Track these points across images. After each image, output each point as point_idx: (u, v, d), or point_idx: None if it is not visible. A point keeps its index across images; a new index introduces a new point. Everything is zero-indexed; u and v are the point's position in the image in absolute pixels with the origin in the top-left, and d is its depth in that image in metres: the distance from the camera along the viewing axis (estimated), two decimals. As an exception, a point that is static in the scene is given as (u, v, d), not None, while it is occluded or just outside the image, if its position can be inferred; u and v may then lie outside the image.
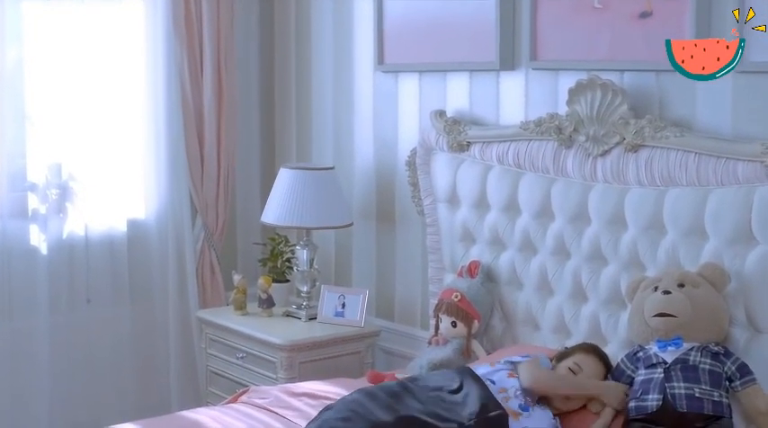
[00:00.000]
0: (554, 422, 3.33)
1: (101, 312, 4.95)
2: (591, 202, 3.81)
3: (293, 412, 3.62)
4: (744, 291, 3.34)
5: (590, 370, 3.44)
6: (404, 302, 4.86)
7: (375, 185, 4.94)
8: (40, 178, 4.71)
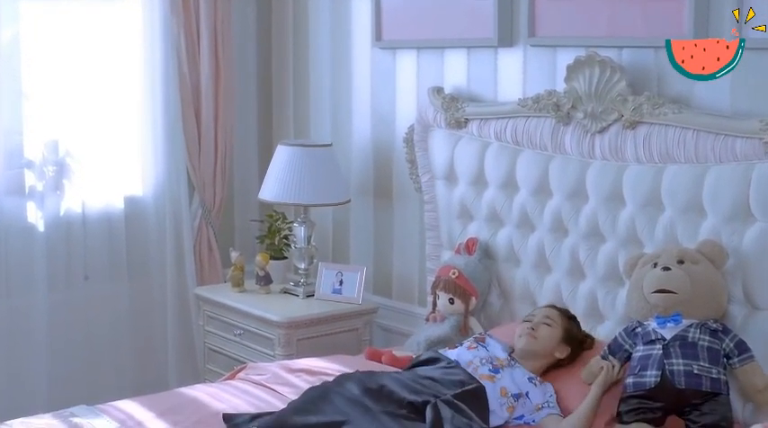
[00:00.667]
0: (531, 376, 3.44)
1: (98, 289, 4.95)
2: (589, 179, 3.81)
3: (291, 388, 3.62)
4: (742, 268, 3.35)
5: (544, 312, 3.59)
6: (401, 279, 4.86)
7: (373, 162, 4.93)
8: (36, 155, 4.70)
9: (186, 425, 3.30)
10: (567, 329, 3.55)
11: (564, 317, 3.58)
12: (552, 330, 3.53)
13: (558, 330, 3.53)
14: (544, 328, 3.53)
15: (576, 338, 3.56)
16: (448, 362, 3.53)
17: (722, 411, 3.14)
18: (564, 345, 3.54)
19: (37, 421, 3.35)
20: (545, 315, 3.57)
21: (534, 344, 3.52)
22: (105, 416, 3.38)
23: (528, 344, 3.52)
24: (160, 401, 3.57)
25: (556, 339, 3.53)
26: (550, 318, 3.56)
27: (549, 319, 3.55)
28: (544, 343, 3.52)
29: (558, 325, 3.54)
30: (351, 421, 3.10)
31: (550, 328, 3.53)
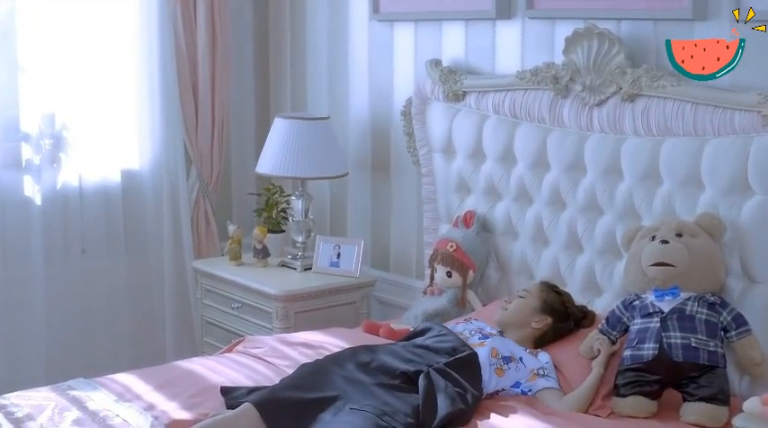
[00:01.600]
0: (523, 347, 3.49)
1: (96, 262, 4.95)
2: (587, 152, 3.80)
3: (288, 362, 3.63)
4: (739, 241, 3.35)
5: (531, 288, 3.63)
6: (399, 252, 4.86)
7: (370, 135, 4.92)
8: (33, 128, 4.68)
9: (184, 398, 3.30)
10: (545, 300, 3.58)
11: (544, 290, 3.61)
12: (524, 301, 3.58)
13: (531, 301, 3.57)
14: (516, 301, 3.60)
15: (557, 309, 3.57)
16: (439, 331, 3.55)
17: (719, 384, 3.15)
18: (542, 316, 3.55)
19: (35, 394, 3.35)
20: (523, 288, 3.64)
21: (504, 315, 3.58)
22: (103, 389, 3.39)
23: (499, 315, 3.61)
24: (158, 374, 3.58)
25: (528, 309, 3.56)
26: (526, 290, 3.62)
27: (524, 291, 3.62)
28: (514, 312, 3.57)
29: (533, 296, 3.58)
30: (344, 395, 3.11)
31: (522, 300, 3.59)
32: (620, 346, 3.41)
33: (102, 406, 3.24)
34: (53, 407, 3.21)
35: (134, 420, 3.13)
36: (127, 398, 3.32)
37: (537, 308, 3.56)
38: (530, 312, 3.56)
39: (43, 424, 3.08)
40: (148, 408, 3.23)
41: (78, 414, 3.18)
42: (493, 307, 3.87)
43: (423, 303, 4.18)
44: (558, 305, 3.59)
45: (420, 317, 4.04)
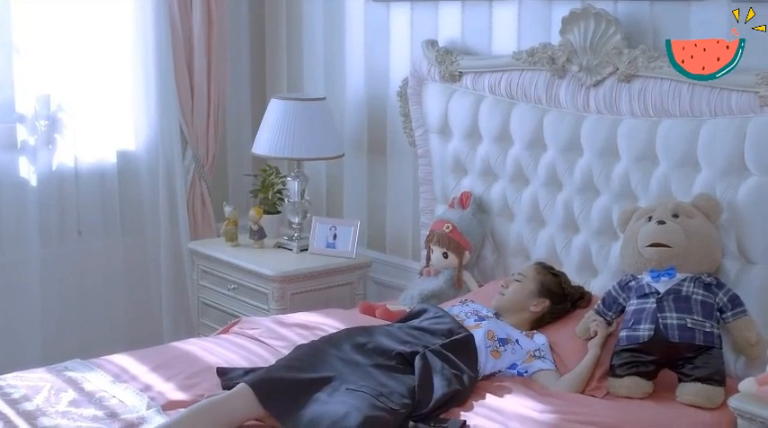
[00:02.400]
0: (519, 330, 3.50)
1: (92, 244, 4.94)
2: (583, 133, 3.79)
3: (284, 343, 3.63)
4: (736, 222, 3.34)
5: (522, 269, 3.66)
6: (395, 233, 4.86)
7: (366, 116, 4.91)
8: (28, 109, 4.66)
9: (180, 379, 3.31)
10: (543, 282, 3.58)
11: (540, 272, 3.62)
12: (521, 285, 3.58)
13: (529, 284, 3.57)
14: (513, 284, 3.61)
15: (554, 291, 3.58)
16: (436, 312, 3.56)
17: (715, 364, 3.16)
18: (540, 299, 3.56)
19: (31, 375, 3.35)
20: (519, 271, 3.64)
21: (501, 300, 3.58)
22: (99, 370, 3.39)
23: (497, 301, 3.61)
24: (154, 355, 3.58)
25: (526, 293, 3.56)
26: (522, 274, 3.62)
27: (520, 275, 3.62)
28: (512, 297, 3.58)
29: (529, 279, 3.58)
30: (340, 376, 3.11)
31: (519, 284, 3.59)
32: (615, 327, 3.41)
33: (98, 387, 3.24)
34: (49, 388, 3.22)
35: (130, 401, 3.14)
36: (123, 379, 3.32)
37: (534, 291, 3.56)
38: (527, 296, 3.56)
39: (39, 405, 3.08)
40: (145, 389, 3.23)
41: (75, 395, 3.18)
42: (489, 288, 3.88)
43: (419, 284, 4.18)
44: (556, 287, 3.59)
45: (416, 298, 4.04)
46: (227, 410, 2.94)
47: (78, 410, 3.06)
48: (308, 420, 2.88)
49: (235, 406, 2.95)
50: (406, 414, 2.98)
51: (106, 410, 3.07)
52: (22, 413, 3.02)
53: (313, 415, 2.89)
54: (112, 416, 3.02)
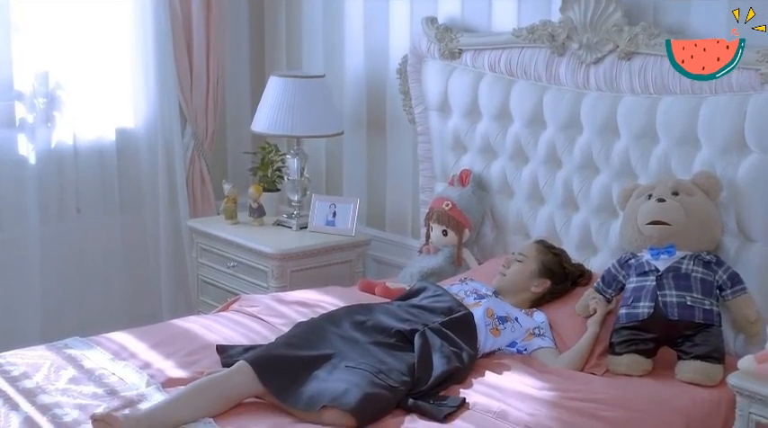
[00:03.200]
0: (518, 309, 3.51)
1: (91, 221, 4.93)
2: (583, 110, 3.78)
3: (284, 320, 3.64)
4: (735, 200, 3.34)
5: (522, 248, 3.64)
6: (395, 211, 4.85)
7: (366, 93, 4.90)
8: (26, 87, 4.64)
9: (179, 357, 3.31)
10: (544, 262, 3.58)
11: (541, 252, 3.61)
12: (523, 266, 3.57)
13: (530, 265, 3.56)
14: (514, 265, 3.60)
15: (556, 271, 3.57)
16: (435, 291, 3.56)
17: (714, 342, 3.17)
18: (541, 279, 3.56)
19: (31, 353, 3.36)
20: (520, 251, 3.62)
21: (503, 281, 3.58)
22: (99, 348, 3.40)
23: (498, 282, 3.60)
24: (153, 333, 3.58)
25: (527, 274, 3.56)
26: (523, 254, 3.60)
27: (521, 255, 3.60)
28: (513, 278, 3.57)
29: (531, 259, 3.57)
30: (339, 353, 3.11)
31: (521, 264, 3.58)
32: (615, 305, 3.42)
33: (97, 365, 3.25)
34: (49, 366, 3.22)
35: (130, 378, 3.14)
36: (123, 357, 3.32)
37: (535, 272, 3.56)
38: (528, 276, 3.56)
39: (39, 383, 3.09)
40: (144, 367, 3.24)
41: (74, 372, 3.19)
42: (489, 266, 3.87)
43: (418, 262, 4.18)
44: (557, 266, 3.59)
45: (416, 276, 4.04)
46: (226, 387, 2.94)
47: (78, 387, 3.07)
48: (308, 397, 2.88)
49: (234, 384, 2.95)
50: (405, 392, 2.99)
51: (106, 387, 3.08)
52: (21, 390, 3.03)
53: (312, 393, 2.89)
54: (112, 394, 3.03)
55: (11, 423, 2.83)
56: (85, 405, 2.93)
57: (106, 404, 2.93)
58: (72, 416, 2.86)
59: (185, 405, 2.86)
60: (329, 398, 2.84)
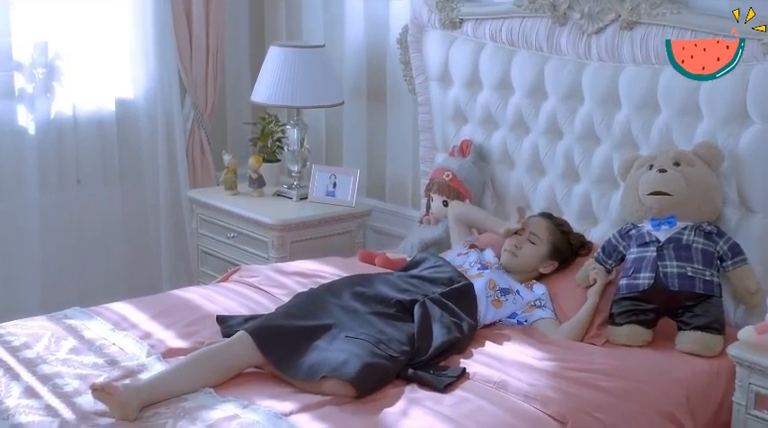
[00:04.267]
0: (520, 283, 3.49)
1: (91, 192, 4.93)
2: (584, 81, 3.77)
3: (284, 290, 3.64)
4: (737, 171, 3.34)
5: (533, 227, 3.59)
6: (395, 182, 4.85)
7: (366, 63, 4.88)
8: (25, 57, 4.62)
9: (180, 327, 3.32)
10: (555, 244, 3.56)
11: (553, 233, 3.58)
12: (536, 248, 3.55)
13: (542, 247, 3.55)
14: (527, 246, 3.56)
15: (564, 252, 3.57)
16: (435, 261, 3.56)
17: (714, 313, 3.17)
18: (550, 261, 3.55)
19: (31, 323, 3.36)
20: (532, 231, 3.57)
21: (514, 261, 3.55)
22: (99, 318, 3.40)
23: (508, 261, 3.57)
24: (153, 303, 3.59)
25: (539, 256, 3.55)
26: (537, 235, 3.56)
27: (534, 236, 3.56)
28: (525, 260, 3.55)
29: (543, 242, 3.55)
30: (339, 324, 3.12)
31: (534, 246, 3.55)
32: (615, 275, 3.42)
33: (98, 335, 3.25)
34: (49, 336, 3.23)
35: (130, 348, 3.15)
36: (123, 327, 3.33)
37: (546, 254, 3.55)
38: (540, 259, 3.55)
39: (40, 353, 3.09)
40: (144, 337, 3.24)
41: (74, 342, 3.19)
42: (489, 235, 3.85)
43: (419, 232, 4.18)
44: (566, 247, 3.57)
45: (416, 246, 4.04)
46: (226, 357, 2.95)
47: (78, 357, 3.07)
48: (308, 367, 2.89)
49: (234, 354, 2.96)
50: (405, 362, 2.99)
51: (106, 357, 3.08)
52: (22, 360, 3.03)
53: (312, 363, 2.90)
54: (113, 364, 3.03)
55: (11, 392, 2.84)
56: (86, 376, 2.93)
57: (107, 374, 2.94)
58: (73, 386, 2.87)
59: (185, 376, 2.87)
60: (329, 369, 2.85)
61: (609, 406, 2.83)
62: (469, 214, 3.91)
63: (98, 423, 2.66)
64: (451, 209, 3.93)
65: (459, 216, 3.89)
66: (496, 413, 2.75)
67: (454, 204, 3.97)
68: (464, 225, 3.89)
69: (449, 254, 3.77)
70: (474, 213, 3.92)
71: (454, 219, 3.89)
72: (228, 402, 2.77)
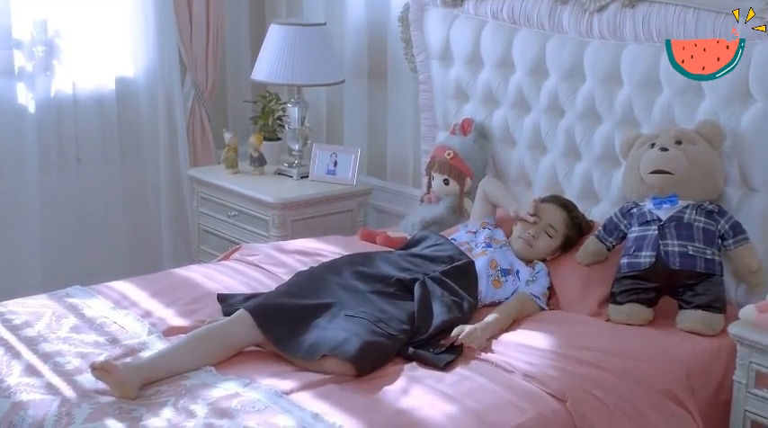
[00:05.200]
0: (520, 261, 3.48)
1: (91, 171, 4.92)
2: (586, 59, 3.76)
3: (285, 269, 3.64)
4: (738, 149, 3.33)
5: (550, 217, 3.53)
6: (396, 160, 4.84)
7: (367, 42, 4.86)
8: (25, 35, 4.60)
9: (180, 305, 3.32)
10: (568, 237, 3.54)
11: (569, 226, 3.54)
12: (552, 241, 3.52)
13: (558, 240, 3.53)
14: (544, 239, 3.51)
15: (573, 242, 3.55)
16: (437, 240, 3.55)
17: (716, 292, 3.17)
18: (559, 251, 3.54)
19: (32, 301, 3.36)
20: (550, 223, 3.51)
21: (529, 252, 3.51)
22: (100, 297, 3.40)
23: (522, 251, 3.52)
24: (154, 281, 3.59)
25: (552, 249, 3.53)
26: (554, 228, 3.51)
27: (552, 229, 3.51)
28: (539, 252, 3.53)
29: (559, 236, 3.52)
30: (339, 302, 3.11)
31: (551, 240, 3.52)
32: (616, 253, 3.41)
33: (99, 314, 3.25)
34: (50, 315, 3.23)
35: (131, 327, 3.15)
36: (124, 306, 3.33)
37: (559, 246, 3.54)
38: (553, 251, 3.54)
39: (41, 331, 3.09)
40: (145, 315, 3.25)
41: (75, 321, 3.19)
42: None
43: (420, 211, 4.17)
44: (575, 236, 3.56)
45: (417, 225, 4.03)
46: (227, 336, 2.95)
47: (79, 336, 3.08)
48: (308, 346, 2.89)
49: (235, 332, 2.96)
50: (404, 340, 3.00)
51: (107, 336, 3.08)
52: (23, 339, 3.04)
53: (312, 341, 2.90)
54: (114, 342, 3.04)
55: (13, 371, 2.84)
56: (87, 354, 2.94)
57: (107, 352, 2.94)
58: (74, 364, 2.87)
59: (186, 354, 2.87)
60: (329, 347, 2.85)
61: (609, 384, 2.84)
62: (497, 191, 3.79)
63: (99, 401, 2.66)
64: (483, 183, 3.86)
65: (488, 193, 3.79)
66: (497, 390, 2.76)
67: (487, 179, 3.91)
68: (490, 203, 3.77)
69: (459, 229, 3.74)
70: (500, 190, 3.81)
71: (482, 195, 3.80)
72: (229, 380, 2.78)
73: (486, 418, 2.62)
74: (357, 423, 2.54)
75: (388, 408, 2.66)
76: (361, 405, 2.66)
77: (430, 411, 2.63)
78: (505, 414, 2.65)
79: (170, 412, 2.61)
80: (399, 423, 2.58)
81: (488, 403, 2.69)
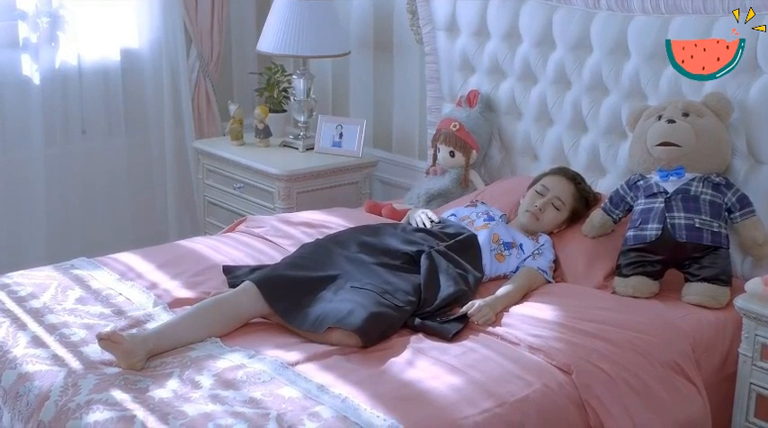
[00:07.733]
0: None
1: (96, 143, 4.92)
2: (593, 30, 3.74)
3: (290, 241, 3.63)
4: (746, 122, 3.31)
5: (558, 190, 3.52)
6: (401, 132, 4.83)
7: (373, 13, 4.84)
8: (29, 6, 4.59)
9: (186, 277, 3.32)
10: (575, 210, 3.53)
11: (577, 199, 3.53)
12: (559, 214, 3.51)
13: (565, 213, 3.52)
14: (551, 212, 3.51)
15: (580, 215, 3.54)
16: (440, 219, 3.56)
17: (722, 264, 3.16)
18: (565, 223, 3.53)
19: (38, 273, 3.36)
20: (558, 196, 3.51)
21: (536, 225, 3.50)
22: (105, 268, 3.40)
23: (529, 223, 3.51)
24: (160, 253, 3.58)
25: (559, 222, 3.52)
26: (562, 201, 3.50)
27: (559, 201, 3.50)
28: (546, 225, 3.52)
29: (567, 209, 3.51)
30: (345, 274, 3.11)
31: (558, 212, 3.51)
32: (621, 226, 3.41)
33: (104, 285, 3.26)
34: (56, 286, 3.23)
35: (137, 298, 3.15)
36: (129, 277, 3.33)
37: (566, 220, 3.53)
38: (559, 224, 3.53)
39: (47, 303, 3.09)
40: (151, 287, 3.25)
41: (81, 292, 3.19)
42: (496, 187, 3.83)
43: (425, 183, 4.17)
44: (583, 209, 3.55)
45: (422, 197, 4.03)
46: (232, 307, 2.95)
47: (85, 307, 3.08)
48: (314, 318, 2.89)
49: (240, 304, 2.96)
50: (410, 312, 3.00)
51: (113, 307, 3.09)
52: (29, 310, 3.04)
53: (318, 313, 2.90)
54: (119, 314, 3.04)
55: (19, 342, 2.85)
56: (93, 325, 2.94)
57: (113, 323, 2.94)
58: (79, 336, 2.87)
59: (192, 325, 2.87)
60: (334, 320, 2.85)
61: (614, 357, 2.83)
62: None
63: (105, 372, 2.67)
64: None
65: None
66: (502, 362, 2.76)
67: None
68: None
69: (457, 204, 3.75)
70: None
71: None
72: (235, 352, 2.78)
73: (492, 390, 2.62)
74: (362, 395, 2.55)
75: (393, 380, 2.66)
76: (367, 377, 2.66)
77: (435, 383, 2.64)
78: (510, 385, 2.65)
79: (175, 383, 2.61)
80: (405, 394, 2.58)
81: (494, 375, 2.69)
